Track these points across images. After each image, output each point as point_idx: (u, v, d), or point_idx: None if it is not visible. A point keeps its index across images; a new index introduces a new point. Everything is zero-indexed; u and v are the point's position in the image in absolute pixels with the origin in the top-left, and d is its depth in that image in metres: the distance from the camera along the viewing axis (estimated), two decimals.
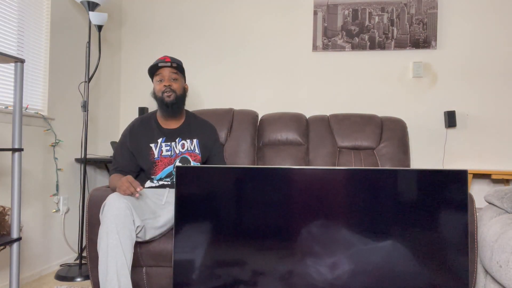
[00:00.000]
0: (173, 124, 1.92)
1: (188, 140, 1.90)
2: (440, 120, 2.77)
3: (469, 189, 2.69)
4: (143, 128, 1.89)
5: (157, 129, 1.89)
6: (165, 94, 1.83)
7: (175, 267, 1.28)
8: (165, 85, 1.84)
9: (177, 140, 1.88)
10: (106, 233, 1.41)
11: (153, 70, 1.88)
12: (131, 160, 1.86)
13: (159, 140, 1.86)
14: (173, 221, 1.63)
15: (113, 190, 1.71)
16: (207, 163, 1.95)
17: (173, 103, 1.84)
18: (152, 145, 1.85)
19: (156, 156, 1.84)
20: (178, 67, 1.87)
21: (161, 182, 1.84)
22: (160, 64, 1.83)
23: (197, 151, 1.89)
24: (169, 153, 1.85)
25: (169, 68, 1.85)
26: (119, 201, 1.45)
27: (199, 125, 1.97)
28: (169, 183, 1.84)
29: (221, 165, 1.94)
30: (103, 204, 1.48)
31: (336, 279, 1.25)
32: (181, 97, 1.89)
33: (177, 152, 1.86)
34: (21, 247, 2.17)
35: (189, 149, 1.89)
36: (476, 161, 2.73)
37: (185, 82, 1.96)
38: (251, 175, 1.28)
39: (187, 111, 2.02)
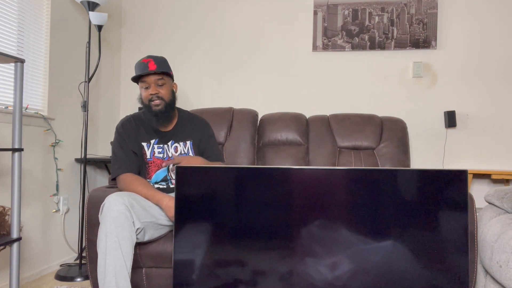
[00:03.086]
0: (166, 127, 1.84)
1: (182, 143, 1.84)
2: (440, 120, 2.77)
3: (469, 189, 2.69)
4: (135, 126, 1.81)
5: (150, 128, 1.81)
6: (153, 102, 1.74)
7: (175, 267, 1.28)
8: (151, 94, 1.73)
9: (169, 143, 1.83)
10: (105, 234, 1.38)
11: (137, 79, 1.77)
12: (134, 154, 1.76)
13: (152, 141, 1.80)
14: (171, 223, 1.63)
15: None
16: (202, 157, 1.88)
17: (162, 112, 1.75)
18: (144, 144, 1.79)
19: (148, 156, 1.79)
20: (163, 72, 1.74)
21: (156, 186, 1.79)
22: (143, 73, 1.71)
23: (191, 153, 1.85)
24: (161, 155, 1.79)
25: (154, 75, 1.73)
26: (119, 202, 1.42)
27: (191, 125, 1.90)
28: (165, 187, 1.80)
29: (217, 157, 1.90)
30: (102, 205, 1.46)
31: (336, 279, 1.25)
32: (171, 103, 1.78)
33: (170, 155, 1.81)
34: (21, 247, 2.17)
35: (182, 152, 1.83)
36: (476, 161, 2.73)
37: (172, 81, 1.84)
38: (251, 175, 1.28)
39: (179, 110, 1.93)
